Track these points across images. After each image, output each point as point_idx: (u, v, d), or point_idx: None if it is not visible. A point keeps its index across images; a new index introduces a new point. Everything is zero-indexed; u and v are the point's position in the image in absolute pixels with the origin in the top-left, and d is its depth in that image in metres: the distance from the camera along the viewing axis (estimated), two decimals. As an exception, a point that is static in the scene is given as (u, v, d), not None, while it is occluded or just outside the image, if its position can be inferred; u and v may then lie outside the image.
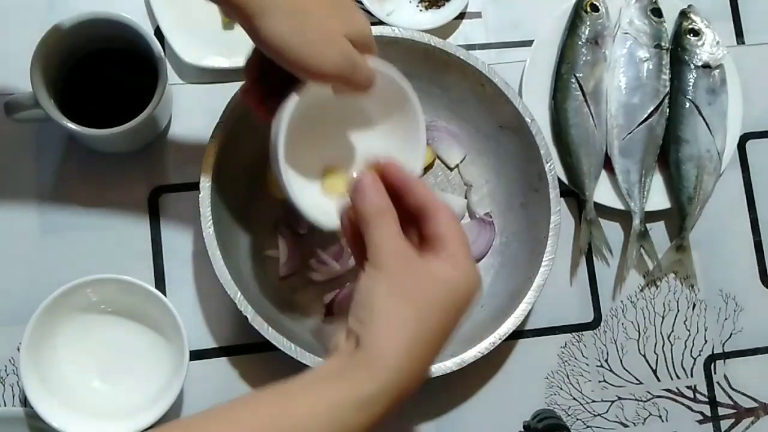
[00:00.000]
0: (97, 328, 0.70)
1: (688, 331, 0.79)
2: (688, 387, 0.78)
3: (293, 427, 0.44)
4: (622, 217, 0.79)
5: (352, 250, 0.54)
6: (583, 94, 0.78)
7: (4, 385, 0.70)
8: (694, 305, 0.80)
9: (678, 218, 0.79)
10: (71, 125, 0.66)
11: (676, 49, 0.81)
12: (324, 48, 0.53)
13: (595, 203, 0.78)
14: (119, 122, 0.66)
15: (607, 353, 0.78)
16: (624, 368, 0.78)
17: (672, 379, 0.78)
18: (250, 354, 0.73)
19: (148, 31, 0.67)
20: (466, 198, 0.77)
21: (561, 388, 0.77)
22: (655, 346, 0.79)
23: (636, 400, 0.77)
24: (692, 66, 0.80)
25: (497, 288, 0.74)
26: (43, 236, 0.73)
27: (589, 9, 0.79)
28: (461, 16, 0.81)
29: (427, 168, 0.78)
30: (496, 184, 0.77)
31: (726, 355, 0.79)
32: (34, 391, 0.65)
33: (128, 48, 0.70)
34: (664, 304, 0.79)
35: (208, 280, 0.68)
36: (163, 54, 0.67)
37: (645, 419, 0.77)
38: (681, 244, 0.78)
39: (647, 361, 0.78)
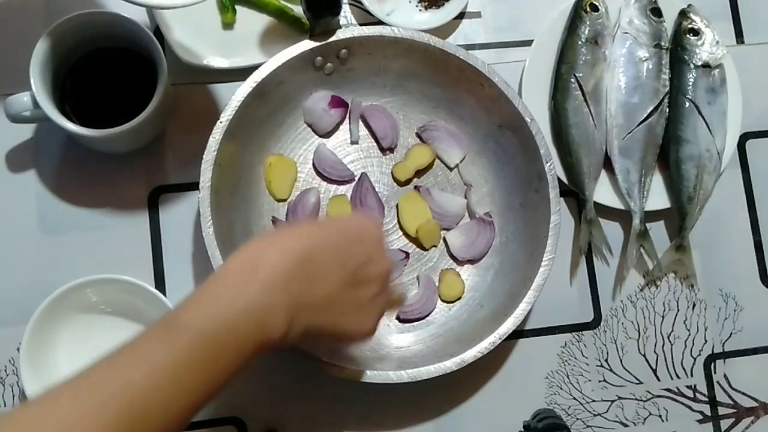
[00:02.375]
0: (97, 329, 0.70)
1: (688, 330, 0.79)
2: (688, 387, 0.78)
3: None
4: (622, 217, 0.79)
5: None
6: (583, 94, 0.78)
7: (4, 385, 0.70)
8: (694, 305, 0.80)
9: (678, 218, 0.79)
10: (71, 125, 0.66)
11: (676, 49, 0.81)
12: None
13: (595, 203, 0.78)
14: (119, 122, 0.66)
15: (607, 353, 0.78)
16: (624, 368, 0.78)
17: (672, 378, 0.78)
18: (250, 354, 0.73)
19: (148, 31, 0.67)
20: (465, 198, 0.77)
21: (561, 388, 0.76)
22: (655, 345, 0.79)
23: (636, 399, 0.77)
24: (692, 66, 0.80)
25: (497, 288, 0.74)
26: (43, 236, 0.73)
27: (588, 9, 0.79)
28: (461, 15, 0.81)
29: (427, 168, 0.78)
30: (495, 184, 0.77)
31: (726, 355, 0.79)
32: (34, 391, 0.65)
33: (128, 48, 0.70)
34: (664, 303, 0.79)
35: (208, 280, 0.68)
36: (163, 54, 0.67)
37: (645, 419, 0.77)
38: (681, 243, 0.78)
39: (647, 360, 0.78)
